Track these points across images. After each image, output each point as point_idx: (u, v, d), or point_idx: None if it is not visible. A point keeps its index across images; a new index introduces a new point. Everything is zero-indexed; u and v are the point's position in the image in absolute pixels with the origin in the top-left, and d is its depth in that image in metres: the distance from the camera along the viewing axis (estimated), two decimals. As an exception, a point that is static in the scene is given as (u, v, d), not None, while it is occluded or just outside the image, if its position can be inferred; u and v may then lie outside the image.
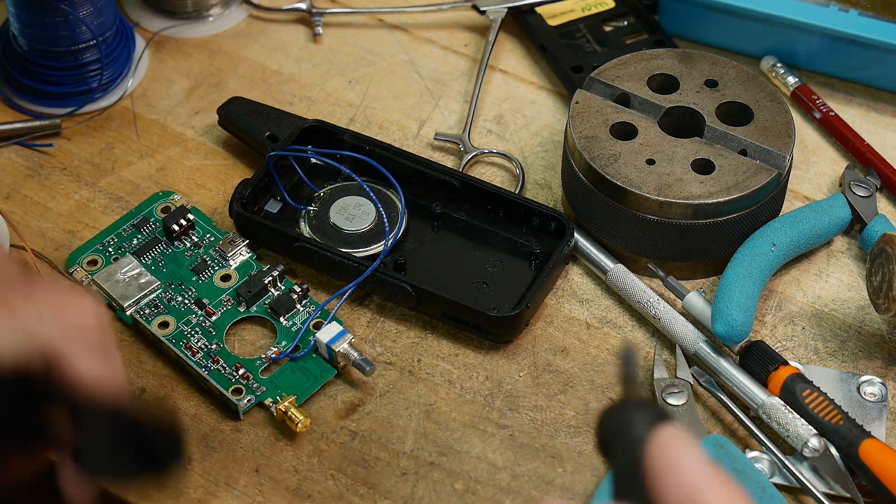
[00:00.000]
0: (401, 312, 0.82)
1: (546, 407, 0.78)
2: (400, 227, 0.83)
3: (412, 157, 0.86)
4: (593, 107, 0.85)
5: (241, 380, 0.77)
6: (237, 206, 0.83)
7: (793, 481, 0.74)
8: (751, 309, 0.79)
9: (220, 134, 0.91)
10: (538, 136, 0.92)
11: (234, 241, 0.83)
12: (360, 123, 0.92)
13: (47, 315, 0.62)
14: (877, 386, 0.78)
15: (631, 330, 0.81)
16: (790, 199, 0.88)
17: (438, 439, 0.76)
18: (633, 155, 0.82)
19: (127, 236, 0.84)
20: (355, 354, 0.77)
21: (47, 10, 0.88)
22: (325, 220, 0.84)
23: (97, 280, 0.81)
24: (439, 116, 0.93)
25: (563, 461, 0.76)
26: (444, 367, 0.80)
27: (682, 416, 0.76)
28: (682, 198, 0.80)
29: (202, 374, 0.77)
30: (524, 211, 0.84)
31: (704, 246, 0.82)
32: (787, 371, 0.77)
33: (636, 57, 0.88)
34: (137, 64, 0.95)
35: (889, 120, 0.94)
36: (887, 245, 0.77)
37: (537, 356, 0.80)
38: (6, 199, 0.87)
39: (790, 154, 0.83)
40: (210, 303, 0.81)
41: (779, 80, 0.95)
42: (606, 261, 0.83)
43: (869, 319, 0.82)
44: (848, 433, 0.74)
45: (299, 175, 0.85)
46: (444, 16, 1.01)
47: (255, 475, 0.75)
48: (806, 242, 0.83)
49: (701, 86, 0.86)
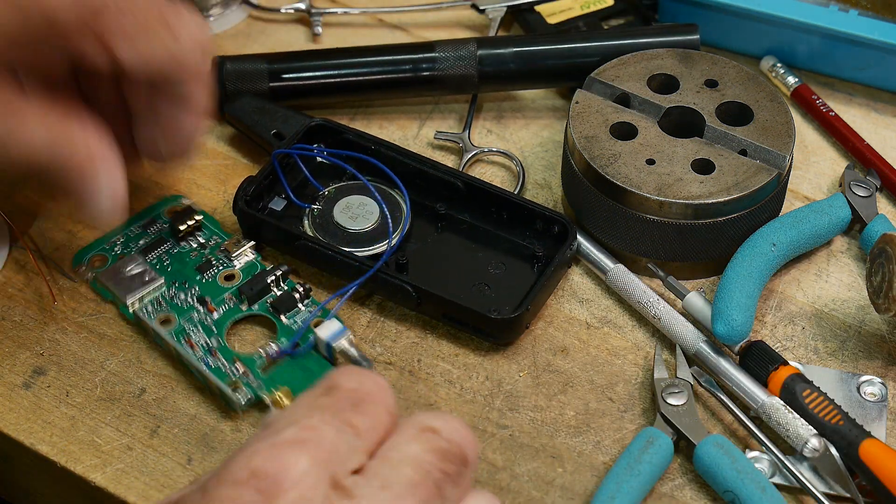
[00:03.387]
0: (401, 312, 0.82)
1: (546, 407, 0.78)
2: (404, 228, 0.84)
3: (417, 158, 0.86)
4: (593, 107, 0.85)
5: (240, 376, 0.77)
6: (241, 203, 0.83)
7: (793, 481, 0.74)
8: (751, 309, 0.79)
9: (221, 134, 0.91)
10: (538, 135, 0.92)
11: (240, 242, 0.83)
12: (361, 123, 0.92)
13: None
14: (877, 386, 0.78)
15: (631, 330, 0.82)
16: (790, 199, 0.88)
17: (439, 439, 0.76)
18: (633, 155, 0.82)
19: (134, 236, 0.84)
20: (354, 352, 0.77)
21: (47, 9, 0.88)
22: (329, 219, 0.84)
23: (101, 277, 0.82)
24: (439, 116, 0.93)
25: (563, 461, 0.76)
26: (444, 367, 0.80)
27: (682, 416, 0.76)
28: (682, 198, 0.80)
29: (201, 369, 0.77)
30: (527, 213, 0.84)
31: (704, 246, 0.82)
32: (787, 371, 0.77)
33: (636, 57, 0.88)
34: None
35: (889, 120, 0.94)
36: (887, 245, 0.77)
37: (537, 356, 0.80)
38: (6, 199, 0.87)
39: (790, 154, 0.83)
40: (212, 300, 0.81)
41: (779, 80, 0.95)
42: (606, 261, 0.83)
43: (869, 319, 0.82)
44: (848, 433, 0.74)
45: (304, 173, 0.85)
46: (443, 15, 1.01)
47: (255, 475, 0.75)
48: (806, 242, 0.83)
49: (701, 86, 0.86)
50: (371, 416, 0.59)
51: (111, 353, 0.80)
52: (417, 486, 0.57)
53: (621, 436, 0.77)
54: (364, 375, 0.61)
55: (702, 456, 0.74)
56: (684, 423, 0.75)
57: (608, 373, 0.79)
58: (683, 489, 0.75)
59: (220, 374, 0.77)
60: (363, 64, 0.91)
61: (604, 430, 0.77)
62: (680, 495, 0.74)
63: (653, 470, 0.73)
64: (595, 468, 0.75)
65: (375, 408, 0.60)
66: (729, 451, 0.73)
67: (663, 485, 0.75)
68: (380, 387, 0.61)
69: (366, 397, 0.60)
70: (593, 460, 0.76)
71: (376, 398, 0.60)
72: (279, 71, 0.91)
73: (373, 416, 0.59)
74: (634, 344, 0.81)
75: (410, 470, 0.58)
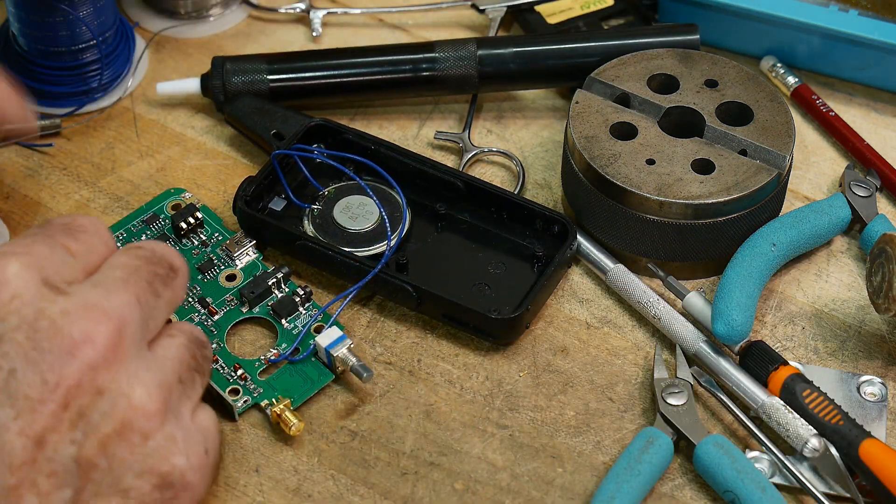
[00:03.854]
0: (401, 312, 0.82)
1: (546, 407, 0.78)
2: (403, 228, 0.83)
3: (417, 158, 0.86)
4: (593, 107, 0.85)
5: (238, 380, 0.77)
6: (241, 204, 0.83)
7: (793, 481, 0.74)
8: (751, 309, 0.79)
9: (221, 134, 0.91)
10: (538, 135, 0.92)
11: (241, 241, 0.83)
12: (361, 123, 0.92)
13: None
14: (877, 386, 0.78)
15: (631, 330, 0.82)
16: (790, 199, 0.88)
17: (438, 439, 0.76)
18: (633, 155, 0.82)
19: (136, 232, 0.84)
20: (354, 360, 0.77)
21: (47, 10, 0.88)
22: (329, 219, 0.84)
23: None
24: (439, 116, 0.93)
25: (563, 461, 0.76)
26: (444, 367, 0.80)
27: (682, 416, 0.76)
28: (682, 198, 0.80)
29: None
30: (527, 213, 0.84)
31: (704, 246, 0.82)
32: (787, 371, 0.77)
33: (636, 57, 0.88)
34: (138, 64, 0.95)
35: (889, 120, 0.94)
36: (887, 245, 0.77)
37: (537, 356, 0.80)
38: (6, 199, 0.87)
39: (790, 154, 0.83)
40: (213, 302, 0.81)
41: (779, 80, 0.95)
42: (606, 261, 0.83)
43: (869, 319, 0.82)
44: (848, 433, 0.74)
45: (304, 173, 0.85)
46: (443, 15, 1.01)
47: (255, 475, 0.75)
48: (806, 242, 0.83)
49: (701, 86, 0.86)
50: (84, 243, 0.67)
51: (111, 354, 0.79)
52: (128, 281, 0.66)
53: (621, 436, 0.77)
54: (77, 215, 0.68)
55: (702, 456, 0.74)
56: (684, 423, 0.75)
57: (608, 373, 0.79)
58: (683, 489, 0.75)
59: (220, 379, 0.77)
60: (363, 64, 0.91)
61: (604, 430, 0.77)
62: (680, 495, 0.74)
63: (653, 470, 0.73)
64: (595, 468, 0.75)
65: (89, 237, 0.67)
66: (729, 451, 0.73)
67: (663, 485, 0.75)
68: (92, 222, 0.68)
69: (78, 227, 0.67)
70: (593, 460, 0.76)
71: (89, 229, 0.68)
72: (279, 71, 0.91)
73: (86, 243, 0.67)
74: (634, 344, 0.81)
75: (120, 271, 0.66)
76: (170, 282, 0.69)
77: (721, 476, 0.73)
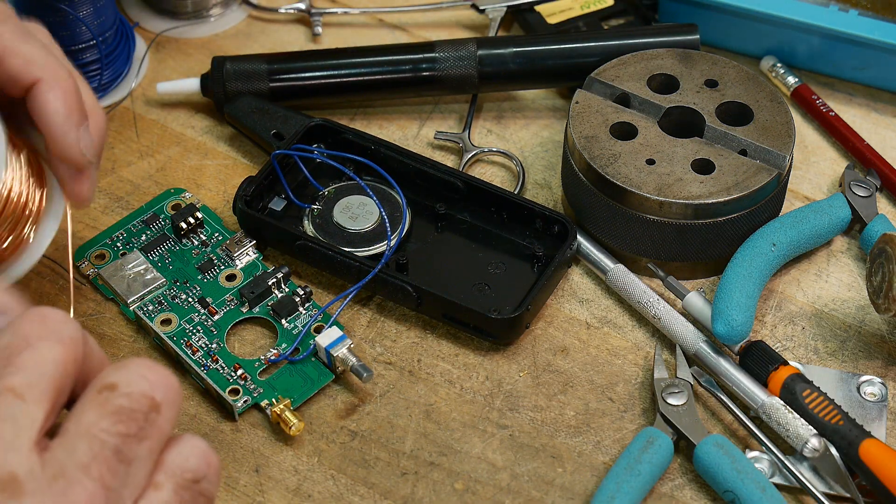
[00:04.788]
0: (401, 312, 0.82)
1: (546, 407, 0.78)
2: (403, 228, 0.84)
3: (417, 158, 0.86)
4: (593, 107, 0.85)
5: (238, 380, 0.77)
6: (241, 204, 0.83)
7: (793, 481, 0.74)
8: (751, 309, 0.79)
9: (221, 134, 0.91)
10: (538, 135, 0.92)
11: (241, 241, 0.83)
12: (361, 123, 0.92)
13: None
14: (877, 386, 0.78)
15: (631, 330, 0.82)
16: (790, 199, 0.88)
17: (438, 439, 0.76)
18: (633, 155, 0.82)
19: (136, 232, 0.84)
20: (353, 360, 0.77)
21: (47, 10, 0.88)
22: (329, 219, 0.84)
23: (103, 274, 0.82)
24: (439, 116, 0.93)
25: (563, 461, 0.76)
26: (444, 367, 0.80)
27: (682, 416, 0.76)
28: (682, 198, 0.80)
29: (200, 373, 0.77)
30: (527, 213, 0.84)
31: (704, 246, 0.82)
32: (787, 371, 0.77)
33: (636, 57, 0.88)
34: (139, 65, 0.95)
35: (889, 120, 0.94)
36: (887, 245, 0.77)
37: (537, 356, 0.80)
38: (6, 199, 0.87)
39: (790, 154, 0.83)
40: (213, 302, 0.81)
41: (779, 80, 0.95)
42: (606, 261, 0.83)
43: (869, 319, 0.82)
44: (848, 433, 0.74)
45: (304, 173, 0.85)
46: (443, 15, 1.01)
47: (255, 475, 0.75)
48: (806, 242, 0.83)
49: (701, 86, 0.86)
50: (29, 372, 0.52)
51: (111, 353, 0.80)
52: (91, 464, 0.51)
53: (621, 436, 0.77)
54: (20, 330, 0.52)
55: (702, 456, 0.74)
56: (684, 423, 0.75)
57: (608, 373, 0.79)
58: (683, 489, 0.75)
59: (220, 379, 0.77)
60: (363, 64, 0.91)
61: (604, 430, 0.77)
62: (680, 495, 0.74)
63: (653, 470, 0.73)
64: (595, 468, 0.75)
65: (35, 357, 0.52)
66: (729, 451, 0.73)
67: (663, 485, 0.75)
68: (34, 334, 0.52)
69: (16, 350, 0.52)
70: (593, 460, 0.76)
71: (34, 344, 0.52)
72: (279, 71, 0.91)
73: (32, 370, 0.52)
74: (634, 344, 0.81)
75: (85, 445, 0.52)
76: (148, 432, 0.53)
77: (721, 476, 0.73)
